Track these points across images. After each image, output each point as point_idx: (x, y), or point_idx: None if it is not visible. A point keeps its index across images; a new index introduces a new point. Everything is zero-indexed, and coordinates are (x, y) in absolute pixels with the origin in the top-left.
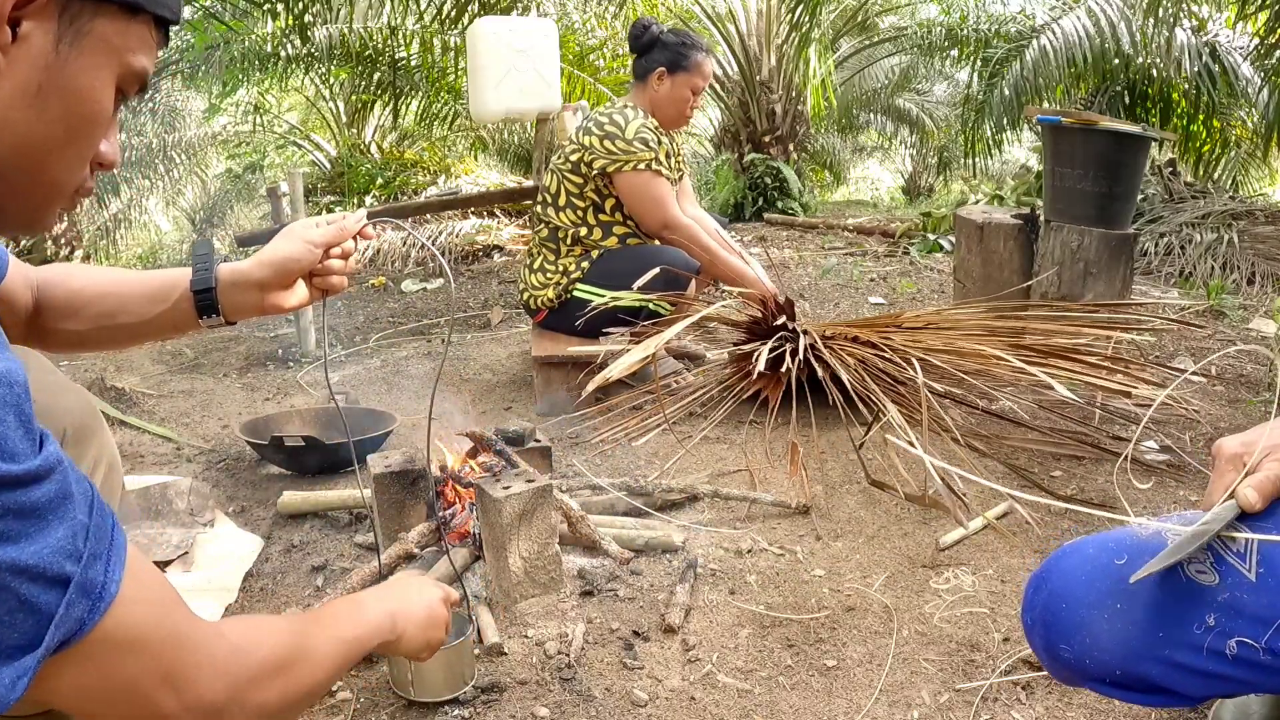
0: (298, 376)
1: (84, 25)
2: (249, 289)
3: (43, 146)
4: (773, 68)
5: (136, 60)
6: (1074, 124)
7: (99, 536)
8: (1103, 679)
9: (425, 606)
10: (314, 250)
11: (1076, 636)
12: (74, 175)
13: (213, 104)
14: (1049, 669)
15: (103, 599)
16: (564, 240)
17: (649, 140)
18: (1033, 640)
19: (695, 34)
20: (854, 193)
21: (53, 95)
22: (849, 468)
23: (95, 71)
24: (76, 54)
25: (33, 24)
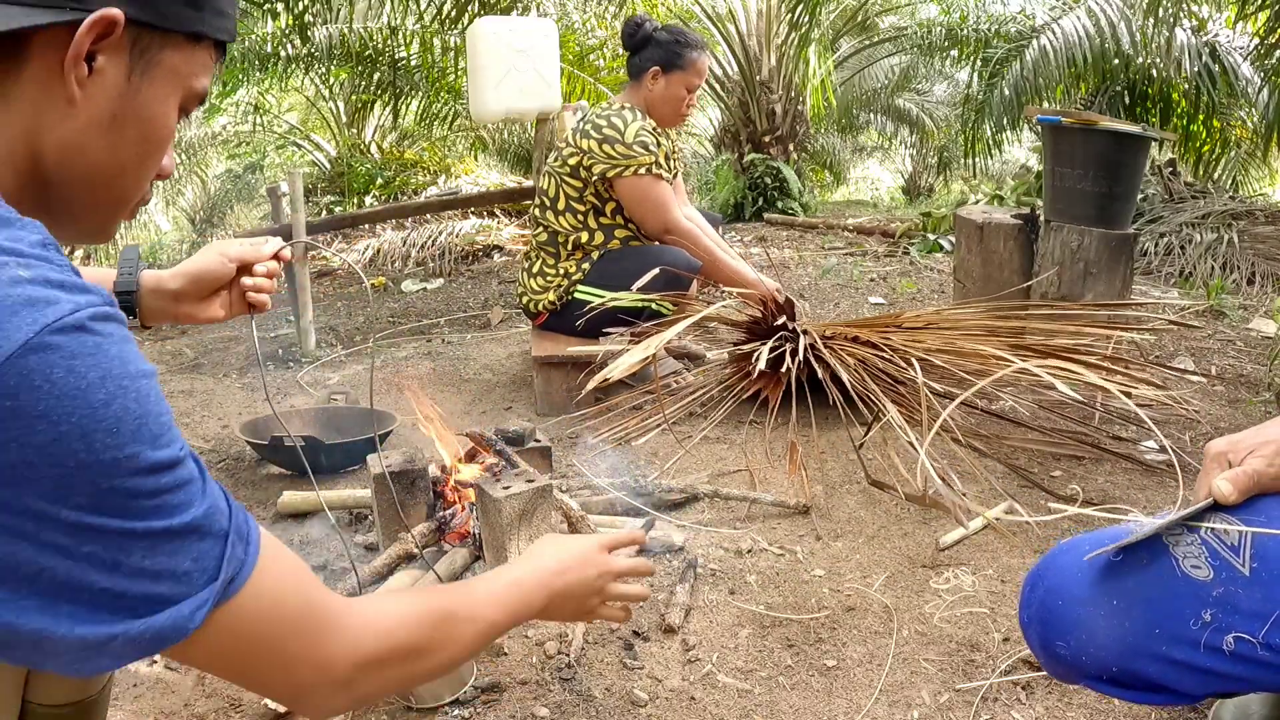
0: (298, 376)
1: (154, 56)
2: (165, 297)
3: (117, 169)
4: (773, 68)
5: (199, 83)
6: (1074, 124)
7: (231, 501)
8: (1099, 676)
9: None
10: (228, 265)
11: (1073, 634)
12: (141, 189)
13: (213, 104)
14: (1046, 667)
15: (252, 544)
16: (564, 245)
17: (649, 143)
18: (1029, 638)
19: (689, 31)
20: (854, 193)
21: (127, 123)
22: (849, 468)
23: (165, 99)
24: (148, 84)
25: (106, 58)
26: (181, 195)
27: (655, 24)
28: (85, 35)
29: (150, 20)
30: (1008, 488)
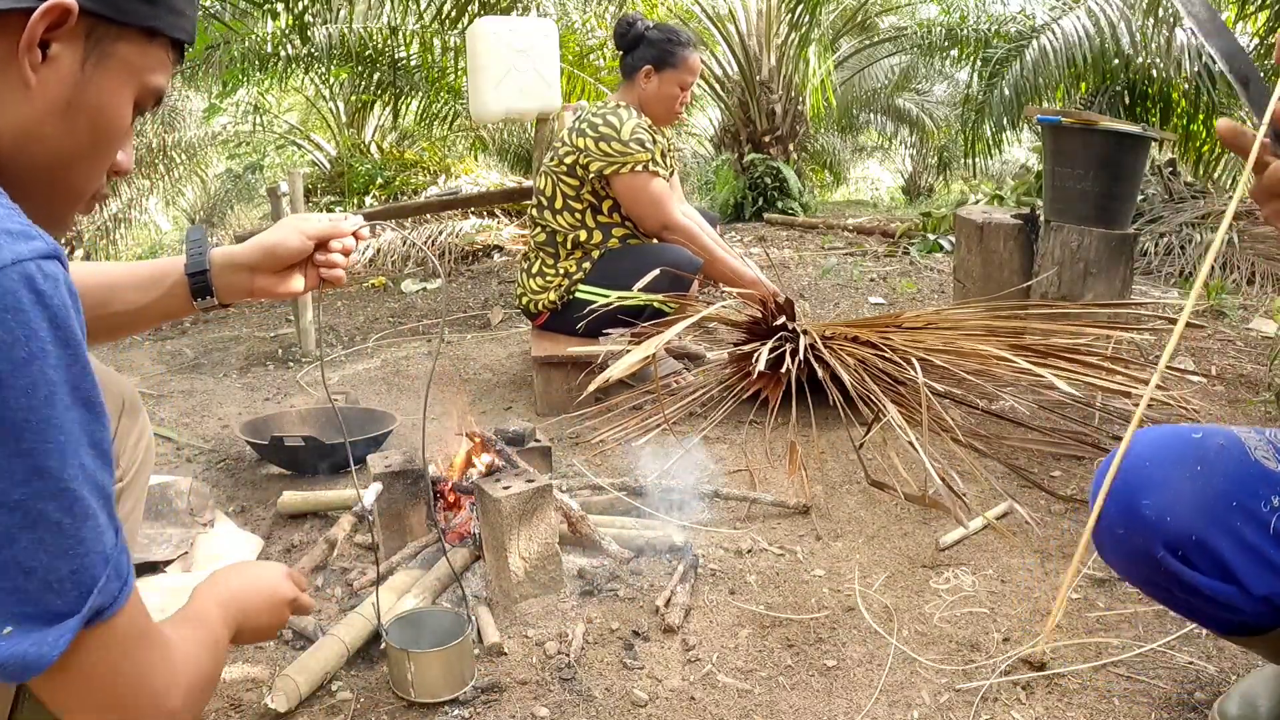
0: (298, 376)
1: (108, 47)
2: (240, 271)
3: (70, 157)
4: (773, 68)
5: (154, 79)
6: (1074, 124)
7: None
8: (1176, 547)
9: (265, 597)
10: (306, 240)
11: (1160, 492)
12: (94, 182)
13: (213, 104)
14: (1113, 546)
15: (127, 585)
16: (563, 244)
17: (645, 140)
18: (1109, 509)
19: (681, 29)
20: (854, 193)
21: (80, 111)
22: (849, 468)
23: (118, 90)
24: (101, 74)
25: (61, 46)
26: (181, 195)
27: (647, 23)
28: (39, 21)
29: (105, 12)
30: (1008, 488)
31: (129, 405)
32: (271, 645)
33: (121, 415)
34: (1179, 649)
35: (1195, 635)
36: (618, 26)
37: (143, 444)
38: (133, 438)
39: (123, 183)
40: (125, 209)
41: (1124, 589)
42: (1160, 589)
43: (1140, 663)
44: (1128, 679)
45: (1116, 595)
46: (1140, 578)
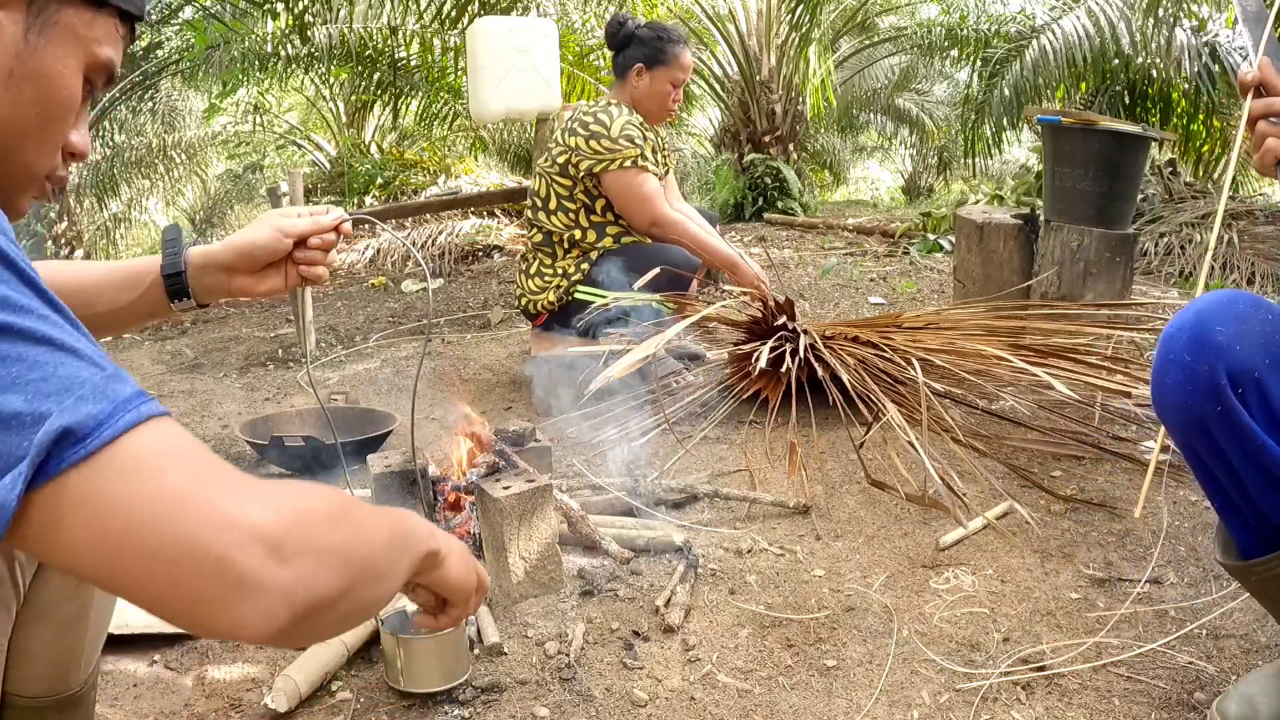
0: (298, 376)
1: (51, 16)
2: (217, 271)
3: (15, 129)
4: (773, 68)
5: (102, 51)
6: (1074, 124)
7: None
8: (1238, 380)
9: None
10: (283, 239)
11: (1234, 323)
12: (45, 161)
13: (213, 104)
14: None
15: (128, 409)
16: (560, 244)
17: (634, 137)
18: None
19: (671, 27)
20: (854, 193)
21: (24, 81)
22: (849, 468)
23: (63, 59)
24: (45, 42)
25: (4, 14)
26: (181, 195)
27: (637, 22)
28: None
29: None
30: (1008, 488)
31: None
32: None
33: None
34: (1179, 649)
35: (1195, 635)
36: (608, 26)
37: None
38: None
39: (122, 182)
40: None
41: (1123, 589)
42: (1209, 442)
43: (1140, 663)
44: (1128, 679)
45: (1116, 595)
46: (1193, 422)
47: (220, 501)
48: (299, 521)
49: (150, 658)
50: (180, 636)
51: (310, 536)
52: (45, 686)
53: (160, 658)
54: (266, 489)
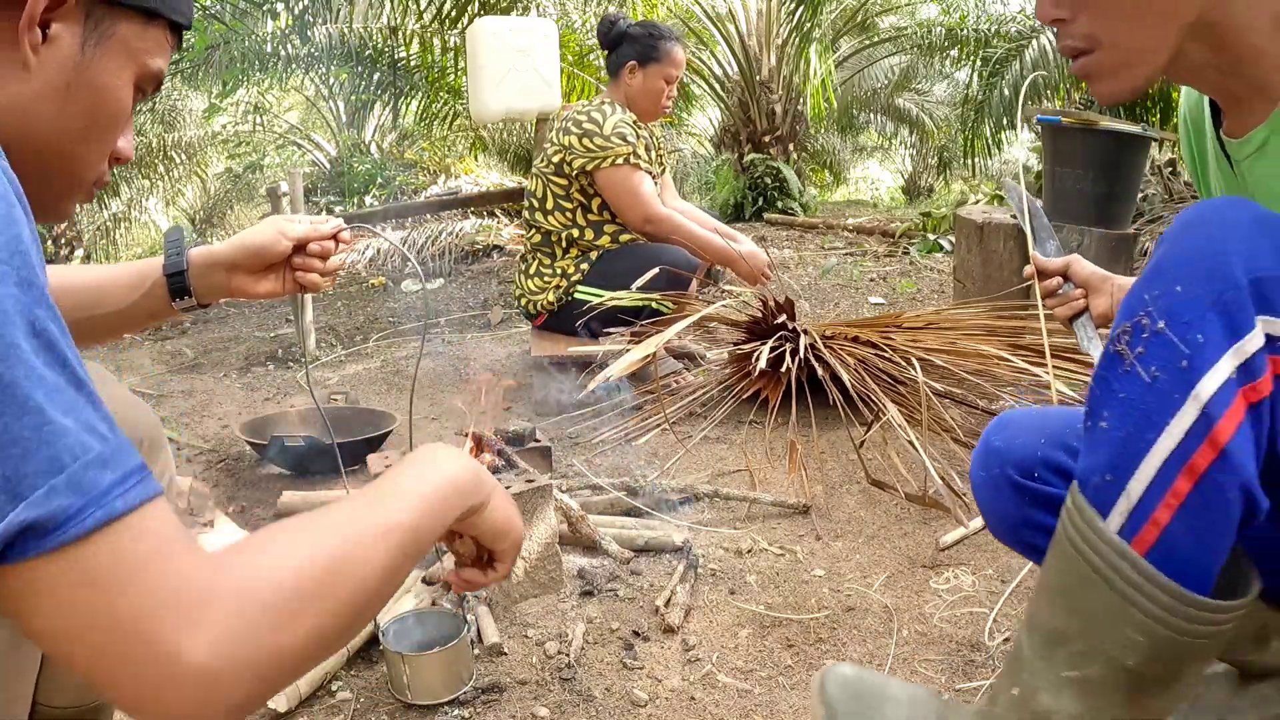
0: (298, 376)
1: (107, 29)
2: (218, 270)
3: (69, 139)
4: (773, 68)
5: (153, 61)
6: (1074, 124)
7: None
8: (1026, 469)
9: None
10: (284, 241)
11: (1006, 430)
12: (95, 167)
13: (213, 104)
14: (979, 489)
15: (100, 504)
16: (558, 244)
17: (627, 135)
18: (972, 464)
19: (661, 24)
20: (854, 193)
21: (80, 92)
22: (849, 468)
23: (117, 71)
24: (101, 54)
25: (61, 26)
26: (181, 195)
27: (628, 20)
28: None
29: None
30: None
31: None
32: None
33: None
34: None
35: None
36: (600, 25)
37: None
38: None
39: (122, 182)
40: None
41: None
42: (1025, 526)
43: None
44: None
45: None
46: (1007, 516)
47: (164, 634)
48: (243, 645)
49: None
50: None
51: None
52: (75, 696)
53: None
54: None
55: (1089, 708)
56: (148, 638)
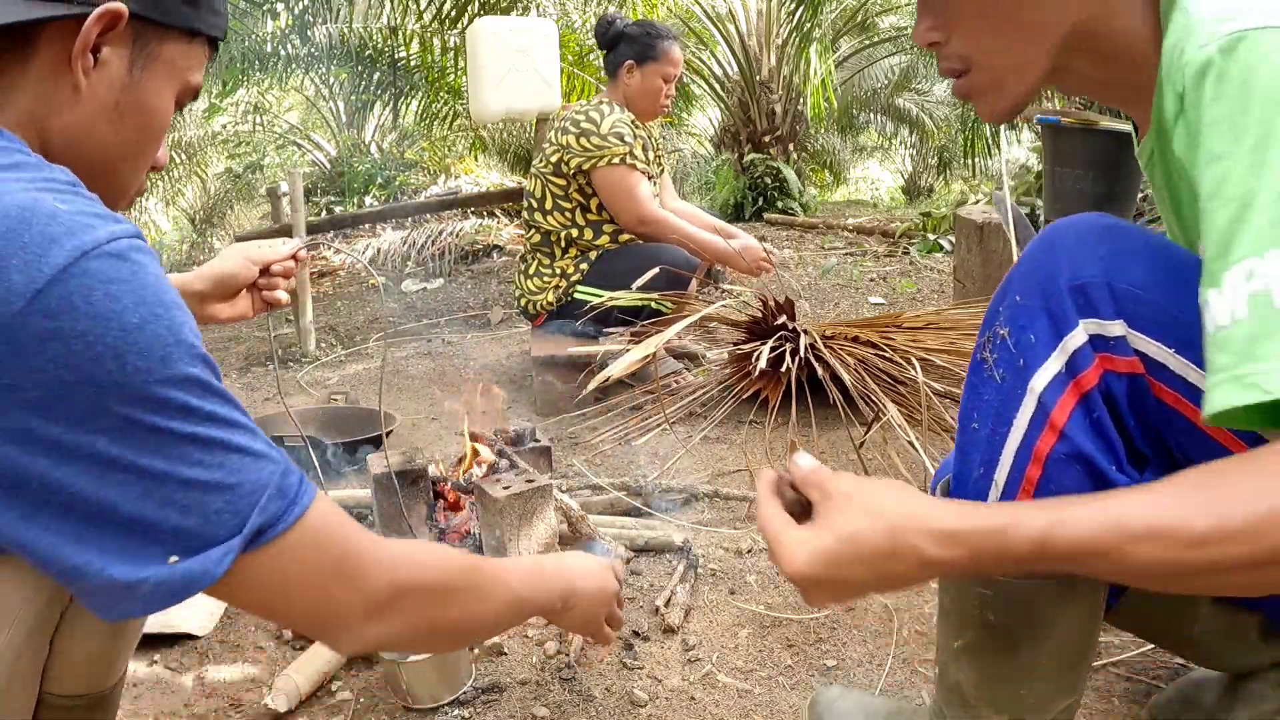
0: (298, 376)
1: (153, 50)
2: (191, 299)
3: (118, 156)
4: (773, 68)
5: (194, 77)
6: (1074, 124)
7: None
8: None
9: (599, 580)
10: (250, 267)
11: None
12: (139, 178)
13: (213, 104)
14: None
15: (297, 503)
16: (557, 244)
17: (624, 134)
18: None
19: (659, 23)
20: (854, 193)
21: (128, 113)
22: (849, 468)
23: (162, 90)
24: (148, 76)
25: (111, 50)
26: (181, 195)
27: (626, 20)
28: (93, 26)
29: (151, 15)
30: None
31: None
32: (272, 645)
33: None
34: None
35: None
36: (597, 26)
37: None
38: None
39: None
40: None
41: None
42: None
43: (1140, 663)
44: (1128, 679)
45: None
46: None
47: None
48: (405, 592)
49: (150, 658)
50: (180, 637)
51: (408, 607)
52: (83, 685)
53: (160, 658)
54: (384, 552)
55: (981, 673)
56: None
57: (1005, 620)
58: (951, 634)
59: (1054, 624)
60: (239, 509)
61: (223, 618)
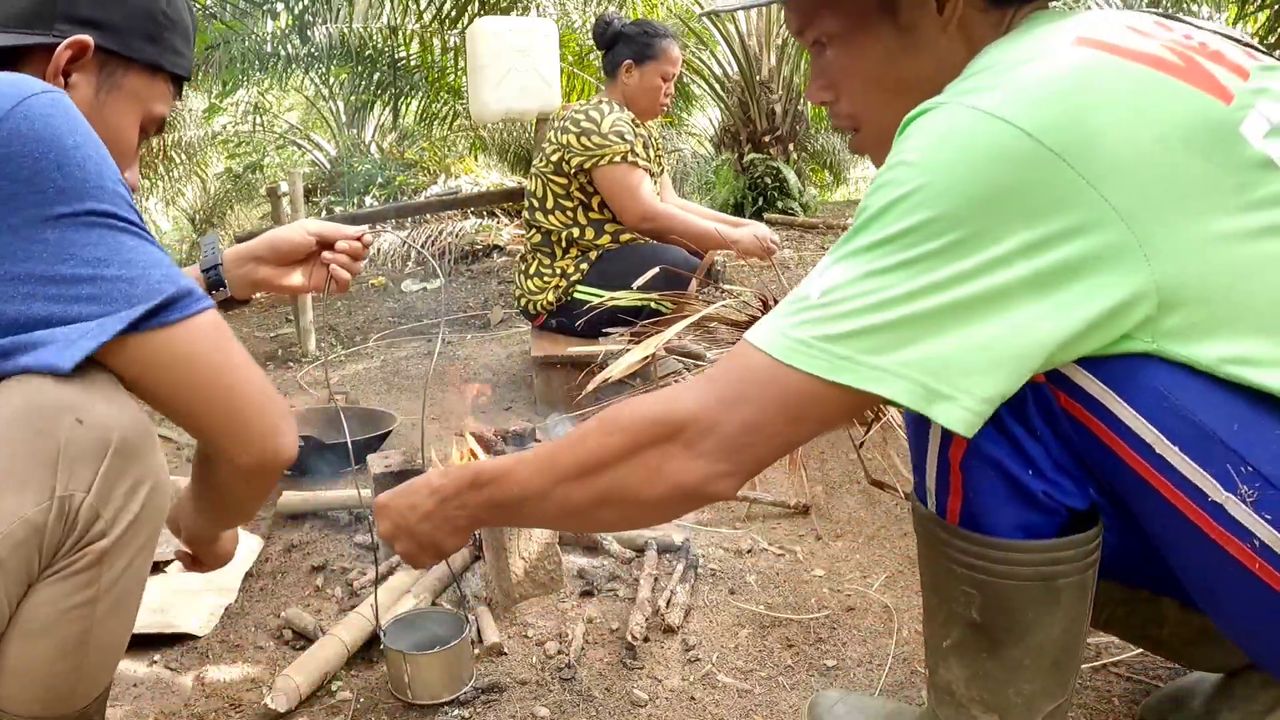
0: (298, 376)
1: (118, 79)
2: (247, 262)
3: None
4: (773, 68)
5: (156, 108)
6: None
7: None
8: None
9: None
10: (307, 236)
11: None
12: None
13: (213, 104)
14: None
15: (202, 302)
16: (558, 243)
17: (624, 133)
18: None
19: (656, 22)
20: (854, 193)
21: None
22: (849, 468)
23: (124, 114)
24: (112, 100)
25: (80, 76)
26: (181, 195)
27: (623, 20)
28: (62, 54)
29: (116, 48)
30: None
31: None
32: (272, 645)
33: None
34: None
35: None
36: (595, 27)
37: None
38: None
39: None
40: None
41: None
42: None
43: (1140, 663)
44: (1128, 679)
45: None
46: None
47: (257, 382)
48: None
49: (150, 658)
50: (180, 637)
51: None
52: (38, 708)
53: (160, 658)
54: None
55: (970, 672)
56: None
57: (989, 619)
58: (939, 634)
59: (1037, 623)
60: (143, 292)
61: (223, 618)
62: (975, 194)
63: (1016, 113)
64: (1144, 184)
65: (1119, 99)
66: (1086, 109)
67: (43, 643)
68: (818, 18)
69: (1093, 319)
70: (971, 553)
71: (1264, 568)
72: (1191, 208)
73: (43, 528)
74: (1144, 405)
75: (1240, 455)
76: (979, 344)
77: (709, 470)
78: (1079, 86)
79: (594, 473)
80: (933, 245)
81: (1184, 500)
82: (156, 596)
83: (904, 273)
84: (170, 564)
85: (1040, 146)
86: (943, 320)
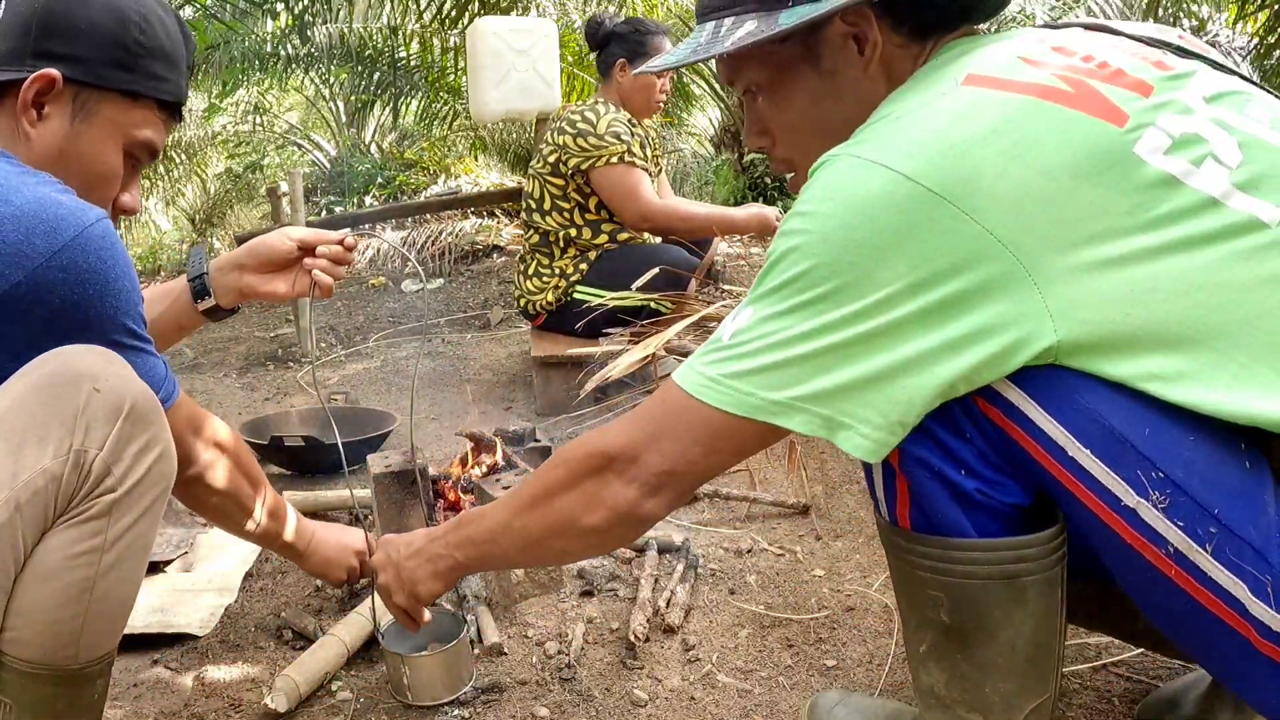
0: (298, 376)
1: (92, 108)
2: (231, 270)
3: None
4: None
5: (140, 133)
6: None
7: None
8: None
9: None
10: (289, 242)
11: None
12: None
13: (213, 104)
14: None
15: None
16: (556, 244)
17: (621, 133)
18: None
19: (648, 20)
20: None
21: (71, 158)
22: (849, 468)
23: (103, 141)
24: (87, 128)
25: (53, 107)
26: (181, 195)
27: (615, 20)
28: (28, 88)
29: (86, 79)
30: None
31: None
32: (272, 645)
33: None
34: None
35: None
36: (587, 28)
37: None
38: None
39: None
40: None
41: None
42: None
43: (1140, 663)
44: (1128, 679)
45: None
46: None
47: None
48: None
49: (150, 658)
50: (180, 637)
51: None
52: (41, 654)
53: (160, 658)
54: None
55: (948, 673)
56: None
57: (958, 620)
58: (915, 640)
59: (1006, 621)
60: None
61: (223, 618)
62: (859, 239)
63: (897, 159)
64: (1028, 215)
65: (998, 135)
66: (965, 148)
67: (50, 586)
68: (746, 69)
69: (987, 347)
70: (931, 555)
71: (1179, 574)
72: (1081, 234)
73: (59, 478)
74: (1057, 410)
75: (1151, 461)
76: (868, 377)
77: (638, 495)
78: (956, 126)
79: (543, 502)
80: (822, 289)
81: (1099, 504)
82: (156, 596)
83: (798, 315)
84: (170, 564)
85: (919, 188)
86: (835, 357)
